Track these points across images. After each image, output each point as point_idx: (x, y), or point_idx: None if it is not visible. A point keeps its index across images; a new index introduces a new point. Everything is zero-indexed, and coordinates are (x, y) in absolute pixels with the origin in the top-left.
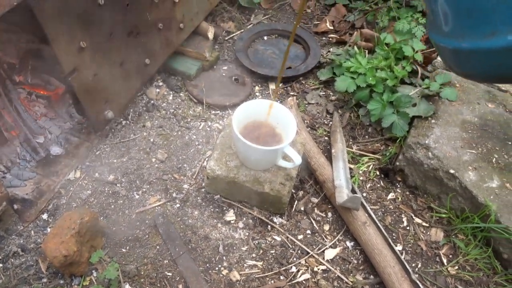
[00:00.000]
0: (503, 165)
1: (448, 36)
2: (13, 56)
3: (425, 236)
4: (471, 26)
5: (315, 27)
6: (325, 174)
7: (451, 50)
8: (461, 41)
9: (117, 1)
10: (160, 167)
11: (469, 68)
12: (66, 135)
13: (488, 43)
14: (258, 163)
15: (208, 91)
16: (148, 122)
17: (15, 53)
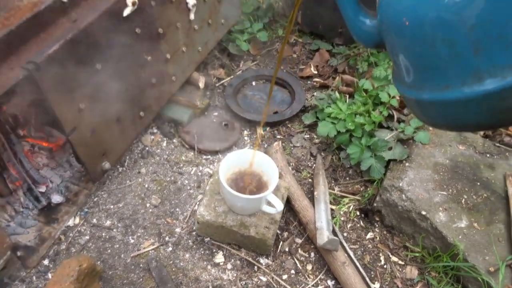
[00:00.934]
0: (471, 205)
1: (410, 87)
2: (17, 108)
3: (401, 274)
4: (428, 79)
5: (301, 72)
6: (308, 216)
7: (414, 100)
8: (421, 92)
9: (113, 64)
10: (154, 212)
11: (431, 118)
12: (66, 183)
13: (444, 95)
14: (244, 209)
15: (199, 137)
16: (143, 168)
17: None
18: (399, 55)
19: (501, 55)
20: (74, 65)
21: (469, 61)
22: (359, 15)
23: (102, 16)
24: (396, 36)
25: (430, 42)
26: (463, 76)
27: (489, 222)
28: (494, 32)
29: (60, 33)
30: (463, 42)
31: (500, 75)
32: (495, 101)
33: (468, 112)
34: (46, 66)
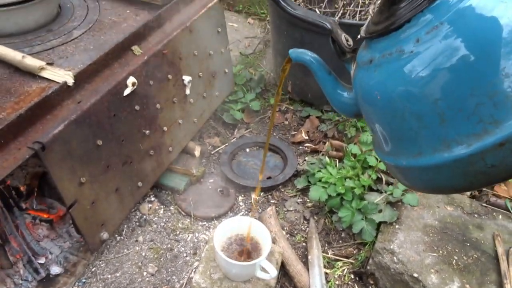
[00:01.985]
0: (462, 267)
1: (388, 154)
2: (20, 181)
3: None
4: (403, 147)
5: (292, 137)
6: (302, 281)
7: (393, 166)
8: (398, 159)
9: (113, 139)
10: (151, 280)
11: (411, 182)
12: (65, 254)
13: (418, 162)
14: (238, 275)
15: (195, 204)
16: (140, 236)
17: (23, 177)
18: (375, 126)
19: (464, 125)
20: (77, 142)
21: (436, 131)
22: (337, 89)
23: (104, 97)
24: (370, 109)
25: (400, 115)
26: (433, 145)
27: (481, 283)
28: (455, 105)
29: (65, 114)
30: (429, 114)
31: (465, 142)
32: (464, 166)
33: (442, 176)
34: (51, 145)
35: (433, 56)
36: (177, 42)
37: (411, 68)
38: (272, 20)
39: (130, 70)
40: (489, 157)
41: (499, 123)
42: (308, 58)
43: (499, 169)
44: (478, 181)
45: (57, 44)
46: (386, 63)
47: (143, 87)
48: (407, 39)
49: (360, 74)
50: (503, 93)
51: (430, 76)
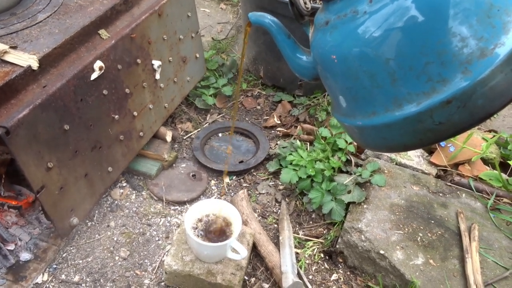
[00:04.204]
0: (426, 243)
1: (344, 115)
2: None
3: None
4: (357, 108)
5: (265, 122)
6: (273, 261)
7: (349, 126)
8: (354, 119)
9: (81, 124)
10: (123, 264)
11: (366, 141)
12: (35, 240)
13: (372, 121)
14: (210, 256)
15: (167, 189)
16: (112, 221)
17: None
18: (332, 88)
19: (414, 84)
20: (43, 127)
21: (388, 90)
22: (296, 53)
23: (70, 81)
24: (327, 71)
25: (355, 75)
26: (385, 104)
27: (444, 258)
28: (405, 64)
29: (30, 98)
30: (381, 73)
31: (415, 101)
32: (415, 123)
33: (394, 134)
34: (16, 130)
35: (385, 16)
36: (146, 26)
37: (365, 28)
38: (243, 5)
39: (97, 54)
40: (437, 115)
41: (447, 82)
42: (267, 21)
43: (446, 126)
44: (427, 138)
45: (21, 28)
46: (341, 24)
47: (111, 72)
48: None
49: (317, 37)
50: (450, 52)
51: (382, 36)
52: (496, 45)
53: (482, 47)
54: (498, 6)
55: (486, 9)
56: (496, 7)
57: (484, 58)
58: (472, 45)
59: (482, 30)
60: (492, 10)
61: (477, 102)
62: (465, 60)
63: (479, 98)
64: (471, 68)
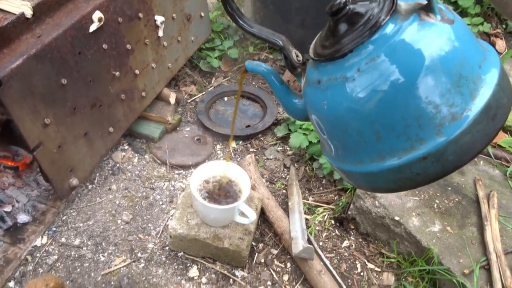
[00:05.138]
0: (443, 210)
1: (334, 159)
2: None
3: (377, 280)
4: (345, 156)
5: None
6: (283, 226)
7: (338, 169)
8: (342, 164)
9: (80, 79)
10: (126, 228)
11: (352, 182)
12: (33, 203)
13: (358, 169)
14: (217, 220)
15: (171, 152)
16: (114, 185)
17: None
18: (322, 136)
19: (395, 142)
20: (38, 79)
21: (373, 146)
22: (289, 97)
23: (67, 32)
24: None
25: (344, 130)
26: (371, 156)
27: (461, 226)
28: (388, 126)
29: (24, 48)
30: (367, 132)
31: (397, 155)
32: (395, 173)
33: (378, 180)
34: (9, 81)
35: (370, 84)
36: None
37: (353, 94)
38: None
39: (96, 4)
40: (415, 167)
41: (423, 141)
42: (261, 69)
43: (422, 176)
44: (406, 185)
45: None
46: (332, 86)
47: (111, 24)
48: (349, 67)
49: (309, 91)
50: (426, 116)
51: (368, 101)
52: (464, 110)
53: (453, 112)
54: (466, 76)
55: (456, 79)
56: (464, 77)
57: (454, 122)
58: (444, 111)
59: (452, 98)
60: (461, 80)
61: (448, 157)
62: (439, 123)
63: (450, 154)
64: (443, 130)
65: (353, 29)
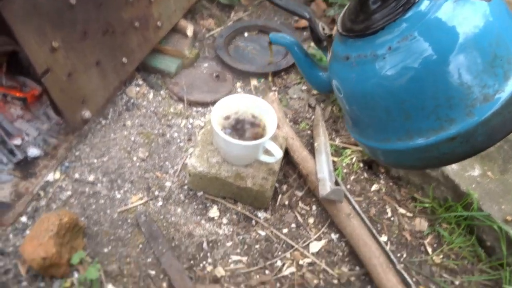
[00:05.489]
0: (484, 154)
1: (358, 135)
2: None
3: (409, 226)
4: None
5: (296, 23)
6: (308, 167)
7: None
8: (367, 140)
9: (89, 1)
10: (142, 166)
11: (375, 157)
12: (44, 137)
13: (384, 146)
14: (239, 158)
15: (189, 89)
16: (128, 121)
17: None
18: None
19: (425, 121)
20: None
21: (401, 124)
22: (313, 70)
23: None
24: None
25: (372, 108)
26: (398, 134)
27: (503, 171)
28: (418, 105)
29: None
30: (396, 111)
31: (425, 135)
32: (422, 152)
33: (403, 158)
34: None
35: (401, 63)
36: None
37: (383, 72)
38: None
39: None
40: (443, 147)
41: (453, 121)
42: (286, 41)
43: (449, 156)
44: (432, 164)
45: None
46: (361, 64)
47: None
48: (380, 45)
49: (336, 66)
50: (458, 97)
51: (398, 80)
52: (497, 91)
53: (485, 93)
54: (501, 56)
55: (491, 60)
56: (499, 57)
57: (486, 103)
58: (476, 91)
59: (486, 79)
60: (495, 60)
61: (478, 138)
62: (470, 104)
63: (479, 135)
64: (474, 111)
65: (385, 5)
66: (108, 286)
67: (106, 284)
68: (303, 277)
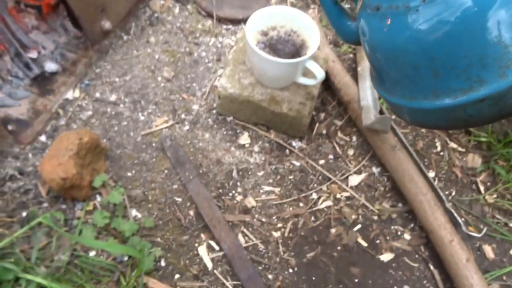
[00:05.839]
0: None
1: (383, 89)
2: None
3: (460, 162)
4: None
5: None
6: (350, 94)
7: (386, 100)
8: (391, 97)
9: None
10: (167, 86)
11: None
12: (62, 51)
13: (409, 104)
14: (275, 79)
15: (218, 3)
16: (152, 37)
17: None
18: (374, 64)
19: (454, 81)
20: None
21: (429, 83)
22: (342, 19)
23: None
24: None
25: (399, 64)
26: (424, 93)
27: None
28: (449, 64)
29: None
30: (425, 68)
31: (453, 95)
32: (448, 113)
33: (428, 118)
34: None
35: (435, 17)
36: None
37: (415, 25)
38: None
39: None
40: (470, 109)
41: (484, 82)
42: None
43: (476, 118)
44: (457, 125)
45: None
46: (392, 15)
47: None
48: None
49: (365, 17)
50: (492, 57)
51: (430, 35)
52: None
53: None
54: None
55: None
56: None
57: None
58: None
59: None
60: None
61: (508, 101)
62: (505, 65)
63: (510, 98)
64: (508, 72)
65: None
66: (132, 211)
67: (130, 209)
68: (340, 211)
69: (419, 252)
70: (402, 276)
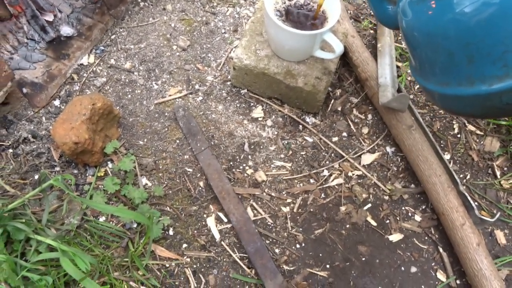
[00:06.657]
0: None
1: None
2: None
3: (477, 145)
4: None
5: None
6: (369, 71)
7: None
8: (426, 83)
9: None
10: (182, 56)
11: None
12: (78, 15)
13: (443, 90)
14: (293, 52)
15: None
16: (168, 5)
17: None
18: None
19: (489, 68)
20: None
21: (463, 69)
22: (382, 3)
23: None
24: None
25: (435, 49)
26: (459, 79)
27: None
28: (484, 50)
29: None
30: (459, 54)
31: (488, 82)
32: (483, 100)
33: (462, 105)
34: None
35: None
36: None
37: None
38: None
39: None
40: (506, 97)
41: None
42: None
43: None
44: (492, 113)
45: None
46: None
47: None
48: None
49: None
50: None
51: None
52: None
53: None
54: None
55: None
56: None
57: None
58: None
59: None
60: None
61: None
62: None
63: None
64: None
65: None
66: (143, 179)
67: (140, 177)
68: (351, 189)
69: (429, 234)
70: (410, 257)
